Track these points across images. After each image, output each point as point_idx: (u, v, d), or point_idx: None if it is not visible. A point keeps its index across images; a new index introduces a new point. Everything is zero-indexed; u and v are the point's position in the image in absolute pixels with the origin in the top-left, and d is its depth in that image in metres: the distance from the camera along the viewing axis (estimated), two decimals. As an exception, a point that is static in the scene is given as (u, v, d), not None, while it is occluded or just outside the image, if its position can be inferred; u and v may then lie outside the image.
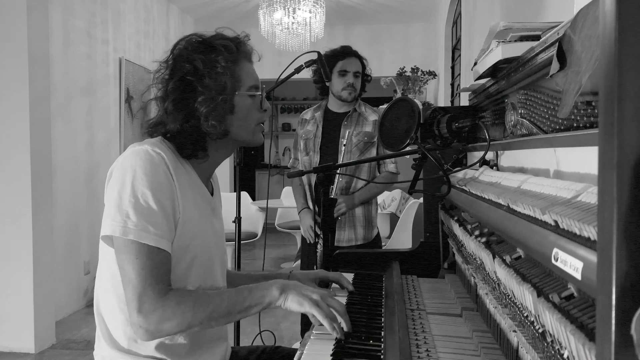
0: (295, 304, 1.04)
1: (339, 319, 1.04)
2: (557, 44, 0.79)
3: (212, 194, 1.23)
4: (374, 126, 2.45)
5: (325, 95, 2.55)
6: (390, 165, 2.49)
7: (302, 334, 2.69)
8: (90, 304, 3.85)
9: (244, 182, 7.92)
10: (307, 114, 2.61)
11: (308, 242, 2.48)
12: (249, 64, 1.19)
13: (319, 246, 2.44)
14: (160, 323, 0.98)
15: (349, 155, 2.41)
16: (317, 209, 2.44)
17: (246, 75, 1.15)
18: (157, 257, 1.01)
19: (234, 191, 2.40)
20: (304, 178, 2.53)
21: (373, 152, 2.44)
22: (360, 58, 2.47)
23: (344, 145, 2.37)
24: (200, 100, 1.09)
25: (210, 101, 1.09)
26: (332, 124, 2.50)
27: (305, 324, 2.45)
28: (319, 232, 2.37)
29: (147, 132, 1.15)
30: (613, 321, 0.34)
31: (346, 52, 2.44)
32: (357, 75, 2.43)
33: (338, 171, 1.91)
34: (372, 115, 2.49)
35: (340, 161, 2.40)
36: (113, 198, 1.03)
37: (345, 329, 1.04)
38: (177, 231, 1.06)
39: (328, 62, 2.35)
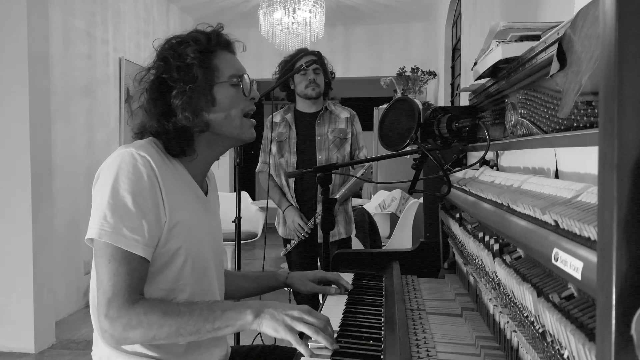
0: (270, 329, 0.99)
1: (322, 334, 0.98)
2: (557, 44, 0.79)
3: (207, 194, 1.23)
4: (346, 123, 2.56)
5: (293, 100, 2.61)
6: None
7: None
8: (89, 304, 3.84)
9: (244, 182, 7.91)
10: (277, 117, 2.63)
11: (296, 240, 2.50)
12: (229, 54, 1.17)
13: (290, 244, 2.48)
14: (125, 331, 0.97)
15: (326, 153, 2.50)
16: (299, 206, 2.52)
17: (225, 64, 1.13)
18: (130, 263, 1.00)
19: (234, 191, 2.40)
20: (283, 179, 2.57)
21: (347, 148, 2.55)
22: (317, 55, 2.43)
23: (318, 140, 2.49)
24: (174, 94, 1.08)
25: (182, 94, 1.08)
26: (304, 124, 2.56)
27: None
28: (305, 228, 2.45)
29: (136, 135, 1.15)
30: (613, 321, 0.34)
31: (302, 52, 2.46)
32: (317, 72, 2.46)
33: (335, 171, 1.91)
34: (343, 113, 2.58)
35: (318, 159, 2.48)
36: (96, 201, 1.03)
37: (328, 345, 0.98)
38: (165, 235, 1.05)
39: (287, 65, 2.43)
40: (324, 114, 2.54)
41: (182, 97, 1.08)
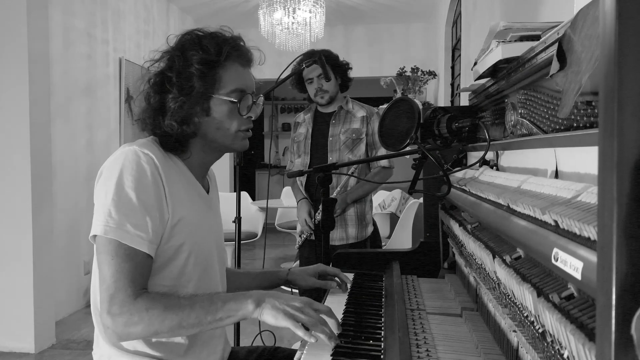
0: (270, 317, 0.99)
1: (320, 327, 0.98)
2: (557, 44, 0.79)
3: (208, 192, 1.23)
4: (362, 122, 2.47)
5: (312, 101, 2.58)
6: (382, 160, 2.50)
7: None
8: (90, 304, 3.84)
9: (244, 182, 7.92)
10: (300, 117, 2.64)
11: (305, 236, 2.48)
12: (239, 67, 1.14)
13: (301, 237, 2.47)
14: (127, 327, 0.97)
15: (337, 154, 2.45)
16: (317, 207, 2.44)
17: (230, 78, 1.11)
18: (133, 259, 1.00)
19: (234, 191, 2.40)
20: (298, 178, 2.55)
21: (362, 148, 2.46)
22: (322, 62, 2.35)
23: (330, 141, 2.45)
24: (169, 97, 1.08)
25: (175, 100, 1.07)
26: (321, 125, 2.54)
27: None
28: (311, 225, 2.41)
29: (137, 125, 1.15)
30: (613, 321, 0.34)
31: (306, 59, 2.38)
32: (322, 77, 2.41)
33: (335, 171, 1.90)
34: (359, 112, 2.50)
35: (329, 160, 2.44)
36: (100, 198, 1.03)
37: (335, 331, 0.99)
38: (168, 232, 1.06)
39: (297, 73, 2.41)
40: (338, 114, 2.51)
41: (175, 103, 1.08)
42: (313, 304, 1.02)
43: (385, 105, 1.46)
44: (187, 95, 1.08)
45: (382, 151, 2.46)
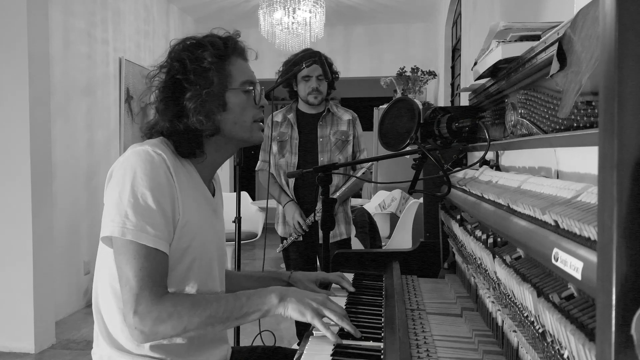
0: (296, 312, 1.02)
1: (347, 321, 1.04)
2: (557, 44, 0.79)
3: (213, 195, 1.23)
4: (348, 125, 2.56)
5: (295, 98, 2.59)
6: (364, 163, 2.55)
7: (299, 335, 2.71)
8: (90, 304, 3.84)
9: (244, 182, 7.90)
10: (278, 116, 2.63)
11: (293, 238, 2.49)
12: (242, 61, 1.18)
13: (287, 241, 2.47)
14: (155, 325, 0.97)
15: (328, 154, 2.51)
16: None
17: (238, 71, 1.14)
18: (155, 259, 1.00)
19: (234, 191, 2.40)
20: (282, 179, 2.57)
21: (350, 150, 2.56)
22: (322, 61, 2.38)
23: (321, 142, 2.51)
24: (188, 97, 1.09)
25: (197, 97, 1.08)
26: (307, 125, 2.56)
27: (302, 324, 2.47)
28: (304, 226, 2.44)
29: (145, 135, 1.15)
30: (613, 321, 0.34)
31: (308, 58, 2.39)
32: (321, 78, 2.46)
33: (335, 171, 1.91)
34: (345, 115, 2.59)
35: (320, 160, 2.48)
36: (113, 199, 1.02)
37: (353, 333, 1.04)
38: (177, 233, 1.06)
39: (290, 66, 2.42)
40: (326, 116, 2.55)
41: (197, 100, 1.08)
42: (330, 302, 1.06)
43: (385, 105, 1.46)
44: (208, 89, 1.09)
45: (364, 154, 2.59)
